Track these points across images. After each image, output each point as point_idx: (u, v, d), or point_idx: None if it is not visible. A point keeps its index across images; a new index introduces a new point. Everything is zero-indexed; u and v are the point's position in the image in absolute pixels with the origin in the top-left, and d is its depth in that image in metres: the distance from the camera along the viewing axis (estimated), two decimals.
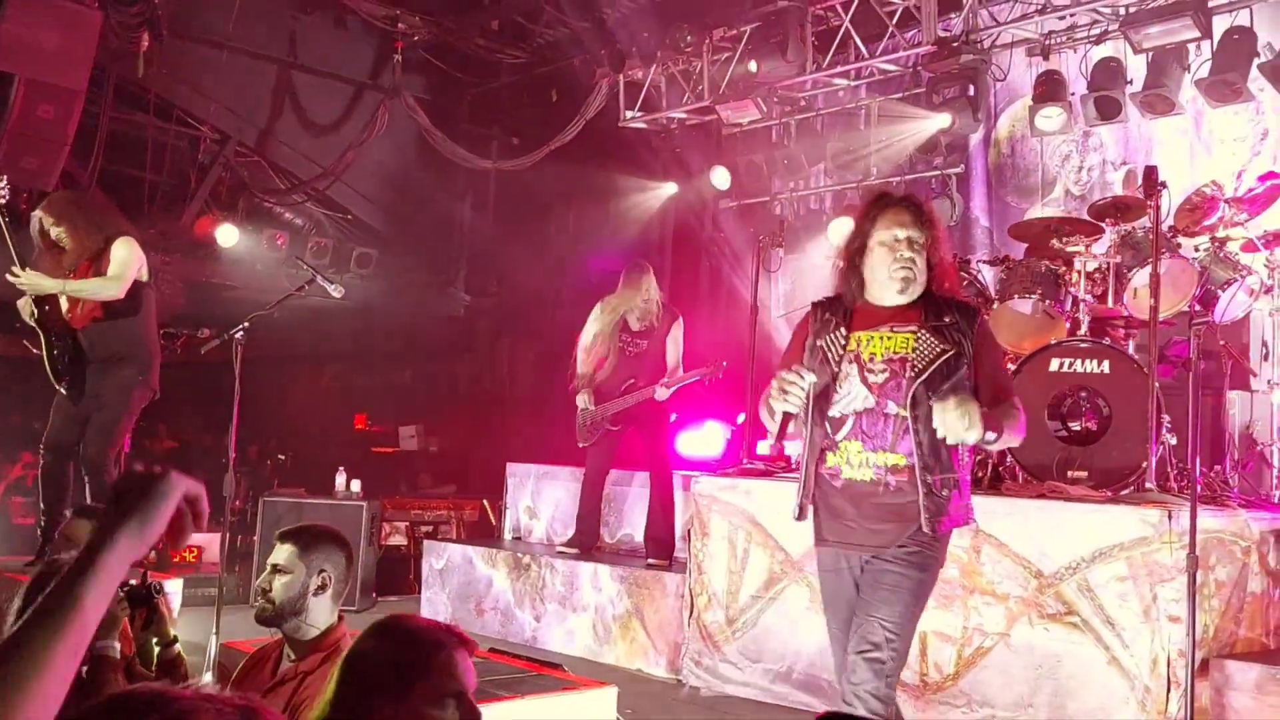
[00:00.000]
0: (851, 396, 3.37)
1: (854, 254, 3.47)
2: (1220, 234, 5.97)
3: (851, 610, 3.38)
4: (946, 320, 3.36)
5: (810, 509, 3.47)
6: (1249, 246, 5.97)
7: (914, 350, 3.31)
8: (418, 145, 11.26)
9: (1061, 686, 4.61)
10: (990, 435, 3.17)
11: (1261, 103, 7.07)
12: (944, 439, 3.18)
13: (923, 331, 3.34)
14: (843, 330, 3.41)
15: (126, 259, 5.91)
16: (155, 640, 3.19)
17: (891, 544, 3.30)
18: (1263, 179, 6.18)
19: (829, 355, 3.41)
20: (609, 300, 6.95)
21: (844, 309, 3.47)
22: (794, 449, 7.49)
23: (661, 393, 6.68)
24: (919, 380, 3.28)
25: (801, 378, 3.28)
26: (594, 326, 6.97)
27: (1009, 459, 5.54)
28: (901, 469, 3.29)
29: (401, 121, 10.80)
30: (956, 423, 3.08)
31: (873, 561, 3.33)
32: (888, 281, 3.38)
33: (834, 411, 3.39)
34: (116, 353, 6.02)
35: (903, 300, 3.41)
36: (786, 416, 3.36)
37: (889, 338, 3.35)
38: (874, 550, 3.33)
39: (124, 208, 7.04)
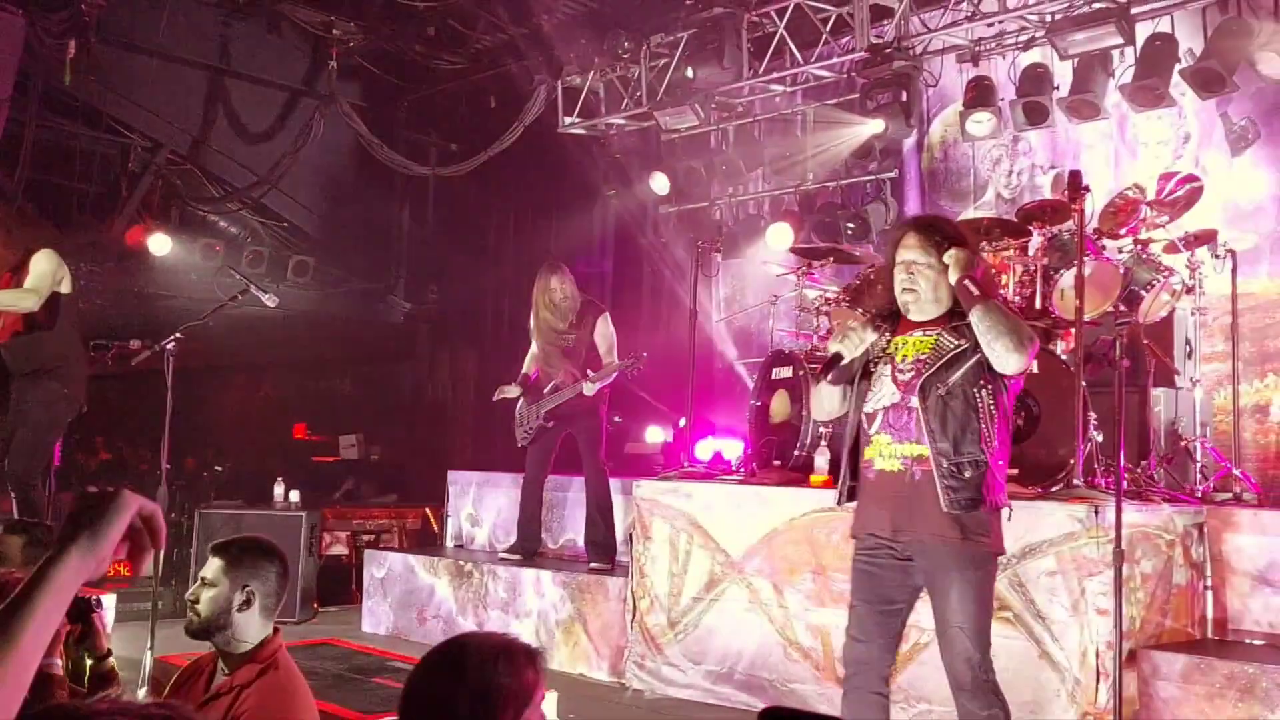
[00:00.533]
0: (882, 393, 3.69)
1: (889, 276, 3.80)
2: (1143, 236, 6.12)
3: (879, 597, 3.67)
4: (966, 320, 3.60)
5: (846, 495, 3.81)
6: (1171, 248, 6.13)
7: (933, 350, 3.63)
8: (355, 152, 11.18)
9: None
10: (973, 290, 3.53)
11: (1183, 107, 7.26)
12: (966, 425, 3.50)
13: (943, 333, 3.66)
14: (887, 335, 3.75)
15: (44, 271, 5.81)
16: (88, 655, 3.15)
17: (939, 535, 3.52)
18: (1182, 182, 6.33)
19: (870, 357, 3.74)
20: (531, 297, 7.02)
21: (894, 319, 3.79)
22: (733, 452, 7.58)
23: (589, 388, 6.71)
24: (928, 373, 3.59)
25: (864, 329, 3.69)
26: (531, 331, 7.04)
27: None
28: (925, 459, 3.55)
29: (338, 128, 10.71)
30: (953, 259, 3.56)
31: (927, 559, 3.57)
32: (900, 302, 3.72)
33: (868, 407, 3.72)
34: (39, 366, 5.91)
35: (923, 317, 3.70)
36: (835, 363, 3.75)
37: (920, 341, 3.68)
38: (916, 537, 3.56)
39: (53, 217, 6.94)
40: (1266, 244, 6.84)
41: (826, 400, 3.87)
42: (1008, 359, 3.51)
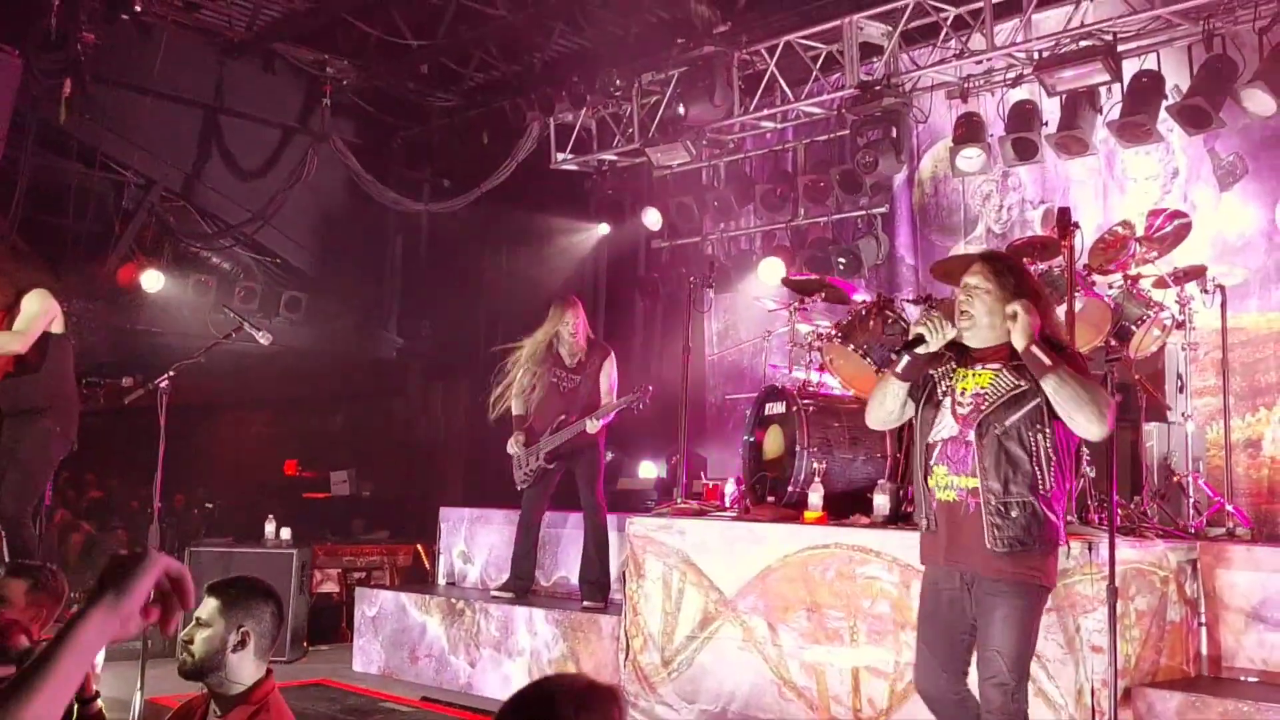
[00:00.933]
0: (943, 425, 3.77)
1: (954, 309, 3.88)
2: (1133, 271, 6.16)
3: (944, 627, 3.74)
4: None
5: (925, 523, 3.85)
6: (1160, 283, 6.16)
7: (990, 386, 3.70)
8: (348, 189, 11.21)
9: None
10: (1042, 360, 3.54)
11: (1170, 143, 7.33)
12: (1018, 467, 3.58)
13: (1003, 370, 3.71)
14: (951, 365, 3.82)
15: (33, 313, 5.79)
16: (76, 698, 3.12)
17: (990, 568, 3.59)
18: (1170, 218, 6.40)
19: (937, 388, 3.81)
20: (535, 336, 6.94)
21: (962, 350, 3.84)
22: (729, 488, 7.55)
23: (592, 425, 6.67)
24: (986, 411, 3.66)
25: (946, 322, 3.73)
26: (528, 366, 6.93)
27: None
28: (979, 492, 3.64)
29: (331, 165, 10.75)
30: (1021, 316, 3.57)
31: (979, 587, 3.64)
32: (957, 324, 3.78)
33: (930, 438, 3.81)
34: (31, 406, 5.89)
35: (980, 343, 3.77)
36: (915, 345, 3.77)
37: (978, 375, 3.75)
38: (970, 570, 3.64)
39: (46, 255, 6.93)
40: (1255, 279, 6.89)
41: (890, 399, 3.88)
42: (1089, 429, 3.58)
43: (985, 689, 3.60)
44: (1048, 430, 3.62)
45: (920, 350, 3.78)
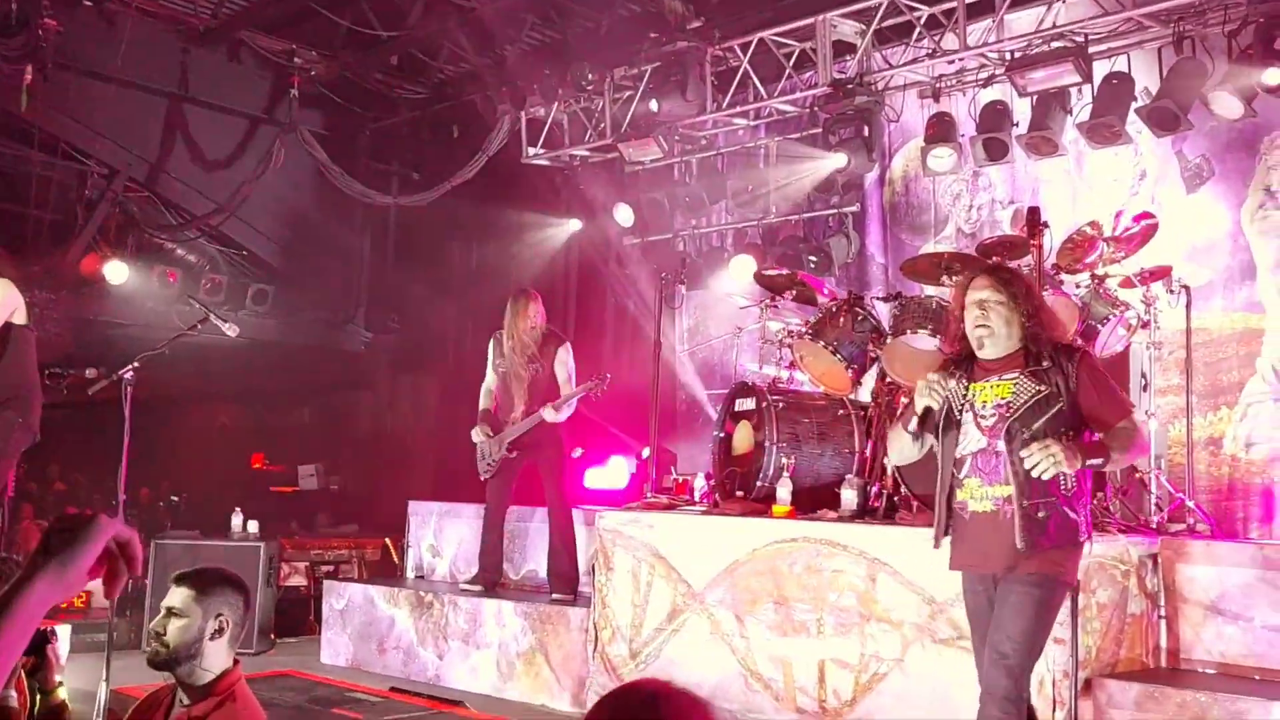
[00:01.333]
0: (969, 439, 3.89)
1: (960, 319, 4.00)
2: (1100, 271, 6.22)
3: (987, 625, 3.84)
4: (1045, 365, 3.83)
5: (945, 539, 3.99)
6: (1126, 283, 6.22)
7: (1013, 394, 3.82)
8: (315, 181, 11.12)
9: (954, 709, 4.72)
10: (1094, 461, 3.70)
11: (1139, 144, 7.39)
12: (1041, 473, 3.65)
13: (1022, 377, 3.84)
14: (965, 382, 3.93)
15: None
16: (38, 689, 3.08)
17: (1015, 564, 3.73)
18: (1138, 219, 6.46)
19: (954, 405, 3.92)
20: (499, 333, 7.01)
21: (967, 364, 3.98)
22: (699, 484, 7.57)
23: (550, 414, 6.70)
24: (1012, 418, 3.78)
25: (944, 379, 3.89)
26: (493, 362, 7.01)
27: (903, 490, 5.68)
28: (1012, 498, 3.75)
29: (298, 157, 10.65)
30: (1044, 462, 3.60)
31: (1004, 583, 3.78)
32: (972, 338, 3.91)
33: (958, 453, 3.91)
34: None
35: (997, 353, 3.89)
36: (926, 419, 3.95)
37: (997, 386, 3.86)
38: (1001, 570, 3.78)
39: (7, 245, 6.83)
40: (1220, 279, 6.97)
41: (907, 447, 4.07)
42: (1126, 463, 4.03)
43: (990, 672, 3.72)
44: (1073, 433, 3.76)
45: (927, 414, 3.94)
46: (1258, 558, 4.92)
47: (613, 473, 9.05)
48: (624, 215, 9.78)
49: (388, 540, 9.41)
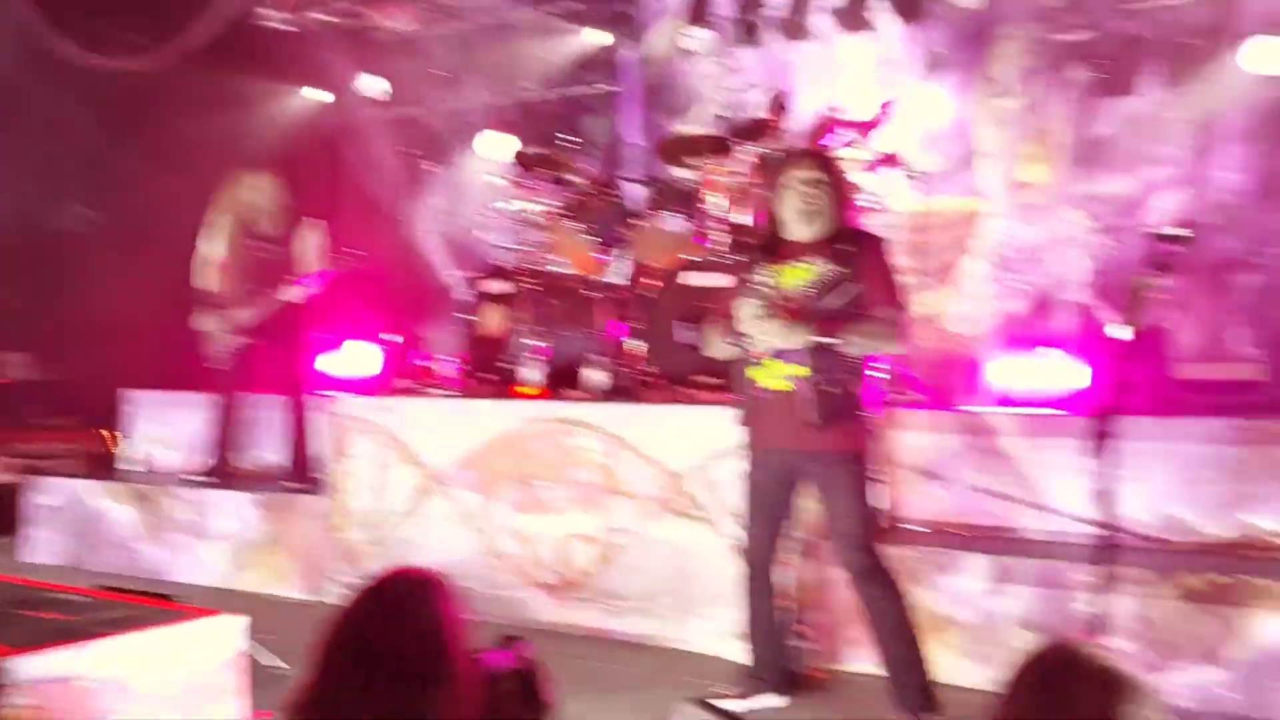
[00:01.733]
0: None
1: (770, 199, 4.05)
2: (839, 155, 6.30)
3: (774, 501, 4.04)
4: (847, 248, 3.91)
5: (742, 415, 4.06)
6: (868, 168, 6.35)
7: (817, 276, 3.89)
8: (22, 40, 9.92)
9: (688, 574, 4.84)
10: (838, 341, 3.77)
11: (885, 32, 7.56)
12: (828, 346, 3.78)
13: (824, 261, 3.90)
14: (762, 264, 3.96)
15: None
16: None
17: (813, 443, 3.83)
18: (882, 106, 6.60)
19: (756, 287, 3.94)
20: (220, 203, 6.53)
21: (766, 249, 4.03)
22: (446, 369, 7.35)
23: (286, 295, 6.35)
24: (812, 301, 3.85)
25: (755, 308, 3.87)
26: (215, 236, 6.52)
27: (649, 368, 5.70)
28: (809, 378, 3.83)
29: (2, 10, 9.46)
30: (769, 337, 3.81)
31: (812, 464, 3.91)
32: (797, 218, 3.93)
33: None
34: None
35: (813, 235, 3.93)
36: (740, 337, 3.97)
37: (797, 269, 3.92)
38: (798, 446, 3.87)
39: None
40: (954, 165, 7.25)
41: (727, 350, 4.07)
42: (893, 353, 4.16)
43: (848, 556, 3.90)
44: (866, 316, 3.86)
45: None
46: (964, 424, 5.19)
47: (360, 358, 8.66)
48: (370, 86, 9.24)
49: (104, 432, 8.72)
